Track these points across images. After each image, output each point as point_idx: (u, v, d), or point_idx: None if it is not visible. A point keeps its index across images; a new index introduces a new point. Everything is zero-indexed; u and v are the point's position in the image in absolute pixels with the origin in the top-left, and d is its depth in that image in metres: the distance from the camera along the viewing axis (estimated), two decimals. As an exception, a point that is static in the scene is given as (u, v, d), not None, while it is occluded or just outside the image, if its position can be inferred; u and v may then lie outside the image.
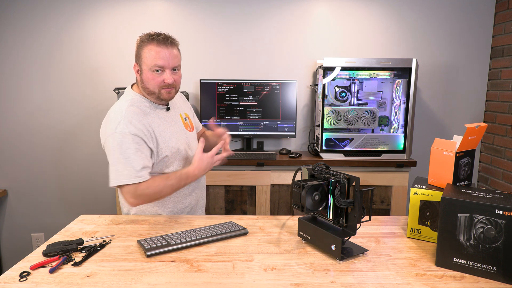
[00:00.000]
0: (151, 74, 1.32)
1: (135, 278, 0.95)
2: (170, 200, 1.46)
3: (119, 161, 1.27)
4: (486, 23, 2.57)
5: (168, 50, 1.31)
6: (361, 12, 2.57)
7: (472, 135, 1.17)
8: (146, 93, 1.38)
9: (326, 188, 1.10)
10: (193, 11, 2.55)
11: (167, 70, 1.33)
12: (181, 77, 1.43)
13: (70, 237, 1.20)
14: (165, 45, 1.31)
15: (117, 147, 1.27)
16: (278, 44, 2.60)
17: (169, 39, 1.33)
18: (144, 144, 1.31)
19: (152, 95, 1.36)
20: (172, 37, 1.35)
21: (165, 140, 1.38)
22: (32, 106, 2.59)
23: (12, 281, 0.94)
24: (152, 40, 1.30)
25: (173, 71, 1.36)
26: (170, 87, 1.35)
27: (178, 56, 1.38)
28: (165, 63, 1.31)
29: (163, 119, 1.41)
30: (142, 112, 1.35)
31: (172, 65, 1.34)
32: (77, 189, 2.68)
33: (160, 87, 1.34)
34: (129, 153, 1.27)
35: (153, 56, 1.30)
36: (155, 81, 1.32)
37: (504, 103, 2.46)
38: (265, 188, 2.33)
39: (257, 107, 2.50)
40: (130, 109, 1.33)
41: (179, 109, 1.54)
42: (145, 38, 1.32)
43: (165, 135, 1.38)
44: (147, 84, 1.34)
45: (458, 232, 0.99)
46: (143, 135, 1.31)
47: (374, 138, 2.37)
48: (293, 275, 0.97)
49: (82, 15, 2.52)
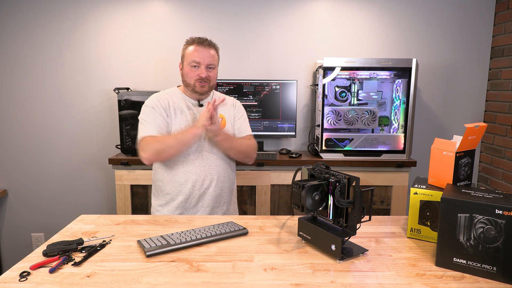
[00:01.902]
0: (189, 69, 1.56)
1: (135, 278, 0.95)
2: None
3: (141, 123, 1.55)
4: (486, 23, 2.57)
5: (205, 50, 1.56)
6: (361, 12, 2.57)
7: (472, 135, 1.17)
8: (185, 85, 1.62)
9: (326, 188, 1.10)
10: (193, 11, 2.55)
11: (202, 66, 1.55)
12: (216, 74, 1.63)
13: (70, 237, 1.20)
14: (203, 45, 1.56)
15: (140, 117, 1.57)
16: (278, 44, 2.60)
17: (207, 41, 1.58)
18: (158, 115, 1.54)
19: (189, 87, 1.59)
20: (211, 41, 1.60)
21: (177, 123, 1.56)
22: (32, 106, 2.59)
23: (12, 281, 0.94)
24: (193, 42, 1.57)
25: (208, 68, 1.57)
26: (204, 81, 1.56)
27: (215, 56, 1.60)
28: (201, 59, 1.55)
29: (188, 110, 1.60)
30: (170, 98, 1.60)
31: (207, 62, 1.56)
32: (77, 189, 2.68)
33: (195, 80, 1.56)
34: (146, 119, 1.54)
35: (192, 54, 1.55)
36: (191, 74, 1.56)
37: (504, 103, 2.46)
38: (265, 188, 2.33)
39: (257, 107, 2.50)
40: (159, 93, 1.63)
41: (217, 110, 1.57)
42: (189, 41, 1.59)
43: (179, 120, 1.57)
44: (186, 77, 1.58)
45: (458, 232, 0.99)
46: (158, 109, 1.55)
47: (374, 138, 2.37)
48: (293, 275, 0.97)
49: (84, 17, 2.51)
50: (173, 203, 1.58)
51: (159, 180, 1.62)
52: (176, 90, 1.66)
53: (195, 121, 1.58)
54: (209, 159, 1.59)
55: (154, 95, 1.62)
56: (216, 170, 1.60)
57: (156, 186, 1.65)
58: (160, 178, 1.61)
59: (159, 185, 1.63)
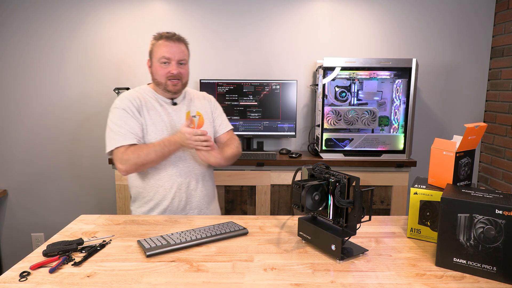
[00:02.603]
0: (159, 66, 1.48)
1: (135, 278, 0.95)
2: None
3: (110, 129, 1.44)
4: (486, 23, 2.57)
5: (175, 45, 1.48)
6: (361, 12, 2.57)
7: (472, 135, 1.17)
8: (156, 84, 1.53)
9: (326, 188, 1.10)
10: (193, 11, 2.55)
11: (173, 62, 1.47)
12: (188, 71, 1.55)
13: (70, 237, 1.20)
14: (172, 40, 1.48)
15: (109, 121, 1.46)
16: (278, 44, 2.60)
17: (176, 35, 1.50)
18: (131, 118, 1.45)
19: (160, 86, 1.51)
20: (180, 35, 1.53)
21: (152, 124, 1.48)
22: (32, 106, 2.59)
23: (12, 281, 0.94)
24: (161, 37, 1.48)
25: (179, 64, 1.49)
26: (176, 78, 1.48)
27: (185, 51, 1.52)
28: (171, 55, 1.46)
29: (162, 109, 1.52)
30: (141, 97, 1.51)
31: (178, 58, 1.48)
32: (77, 189, 2.68)
33: (167, 77, 1.48)
34: (118, 123, 1.43)
35: (161, 50, 1.46)
36: (162, 72, 1.47)
37: (504, 103, 2.46)
38: (265, 188, 2.33)
39: (257, 107, 2.50)
40: (129, 92, 1.52)
41: (190, 107, 1.59)
42: (157, 36, 1.50)
43: (155, 121, 1.49)
44: (156, 75, 1.50)
45: (458, 232, 0.99)
46: (130, 111, 1.45)
47: (374, 138, 2.37)
48: (293, 275, 0.97)
49: (84, 17, 2.51)
50: (158, 209, 1.51)
51: (138, 186, 1.53)
52: (147, 88, 1.56)
53: (170, 120, 1.51)
54: (192, 159, 1.54)
55: (124, 95, 1.50)
56: (200, 170, 1.56)
57: (136, 193, 1.56)
58: (141, 185, 1.53)
59: (139, 192, 1.54)
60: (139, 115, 1.47)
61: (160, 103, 1.53)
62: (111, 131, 1.43)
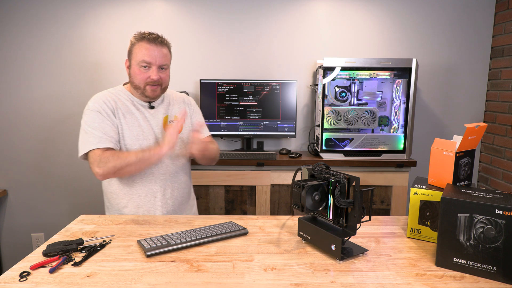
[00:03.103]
0: (138, 69, 1.39)
1: (135, 278, 0.95)
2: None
3: (84, 132, 1.36)
4: (486, 23, 2.57)
5: (157, 48, 1.38)
6: (361, 12, 2.57)
7: (472, 135, 1.17)
8: (133, 87, 1.44)
9: (326, 188, 1.10)
10: (193, 11, 2.55)
11: (153, 67, 1.39)
12: (169, 76, 1.47)
13: (70, 237, 1.20)
14: (155, 44, 1.38)
15: (83, 123, 1.39)
16: (278, 44, 2.60)
17: (159, 38, 1.40)
18: (106, 121, 1.37)
19: (138, 90, 1.43)
20: (163, 37, 1.42)
21: (128, 129, 1.42)
22: (32, 106, 2.59)
23: (12, 281, 0.94)
24: (143, 38, 1.38)
25: (160, 69, 1.41)
26: (156, 84, 1.41)
27: (167, 55, 1.44)
28: (152, 60, 1.38)
29: (138, 113, 1.45)
30: (116, 98, 1.43)
31: (160, 63, 1.40)
32: (77, 189, 2.68)
33: (146, 83, 1.40)
34: (92, 126, 1.36)
35: (142, 53, 1.37)
36: (141, 76, 1.39)
37: (504, 103, 2.46)
38: (265, 188, 2.33)
39: (257, 107, 2.50)
40: (103, 93, 1.44)
41: (169, 111, 1.52)
42: (138, 36, 1.40)
43: (131, 125, 1.42)
44: (134, 78, 1.41)
45: (458, 232, 0.99)
46: (104, 113, 1.38)
47: (374, 138, 2.37)
48: (293, 275, 0.97)
49: (83, 17, 2.52)
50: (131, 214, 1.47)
51: (113, 192, 1.48)
52: (122, 89, 1.47)
53: (147, 125, 1.45)
54: (169, 166, 1.49)
55: (98, 96, 1.42)
56: (176, 178, 1.51)
57: (110, 199, 1.50)
58: (115, 191, 1.47)
59: (113, 198, 1.49)
60: (114, 117, 1.39)
61: (136, 106, 1.45)
62: (85, 134, 1.36)
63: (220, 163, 2.28)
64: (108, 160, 1.31)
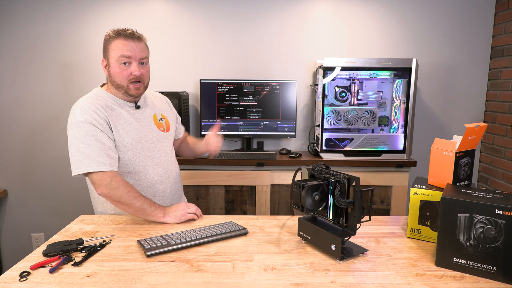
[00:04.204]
0: (118, 67, 1.33)
1: (135, 278, 0.95)
2: None
3: (78, 149, 1.28)
4: (486, 23, 2.57)
5: (135, 43, 1.34)
6: (361, 12, 2.57)
7: (472, 135, 1.17)
8: (115, 88, 1.38)
9: (326, 188, 1.10)
10: (193, 11, 2.55)
11: (134, 62, 1.34)
12: (149, 72, 1.43)
13: (70, 237, 1.20)
14: (131, 39, 1.33)
15: (73, 138, 1.29)
16: (278, 44, 2.60)
17: (135, 33, 1.35)
18: (102, 133, 1.30)
19: (120, 89, 1.37)
20: (139, 32, 1.37)
21: (126, 134, 1.37)
22: (32, 106, 2.59)
23: (12, 281, 0.94)
24: (119, 35, 1.33)
25: (140, 65, 1.37)
26: (138, 81, 1.36)
27: (146, 49, 1.39)
28: (132, 54, 1.33)
29: (128, 115, 1.40)
30: (104, 104, 1.35)
31: (140, 57, 1.35)
32: (77, 189, 2.68)
33: (128, 80, 1.35)
34: (87, 142, 1.27)
35: (119, 48, 1.32)
36: (122, 74, 1.33)
37: (504, 103, 2.46)
38: (265, 188, 2.33)
39: (257, 107, 2.50)
40: (88, 101, 1.34)
41: (155, 109, 1.53)
42: (113, 33, 1.34)
43: (127, 130, 1.38)
44: (115, 77, 1.35)
45: (458, 232, 0.99)
46: (98, 124, 1.29)
47: (374, 138, 2.37)
48: (293, 275, 0.97)
49: (83, 16, 2.51)
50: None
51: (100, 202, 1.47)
52: (104, 92, 1.40)
53: (141, 126, 1.42)
54: (169, 163, 1.52)
55: (84, 106, 1.31)
56: (176, 168, 1.57)
57: (97, 203, 1.49)
58: (101, 201, 1.46)
59: (102, 203, 1.47)
60: (108, 127, 1.32)
61: (125, 108, 1.40)
62: (80, 152, 1.27)
63: (220, 163, 2.29)
64: (118, 188, 1.28)
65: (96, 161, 1.27)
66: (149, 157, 1.44)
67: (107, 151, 1.30)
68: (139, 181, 1.42)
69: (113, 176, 1.29)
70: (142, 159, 1.42)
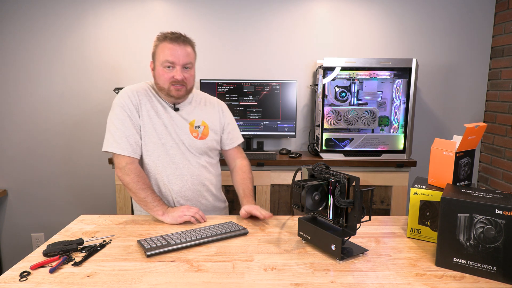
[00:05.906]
0: (162, 70, 1.39)
1: (135, 278, 0.95)
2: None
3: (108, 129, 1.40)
4: (486, 23, 2.57)
5: (180, 48, 1.38)
6: (361, 12, 2.57)
7: (471, 135, 1.17)
8: (158, 89, 1.45)
9: (326, 188, 1.10)
10: (193, 11, 2.55)
11: (177, 66, 1.38)
12: (193, 76, 1.46)
13: (70, 237, 1.20)
14: (177, 43, 1.38)
15: (109, 116, 1.42)
16: (278, 44, 2.60)
17: (181, 37, 1.40)
18: (128, 119, 1.39)
19: (162, 91, 1.42)
20: (186, 36, 1.42)
21: (152, 126, 1.42)
22: (32, 106, 2.59)
23: (12, 281, 0.94)
24: (165, 38, 1.38)
25: (184, 69, 1.41)
26: (180, 84, 1.40)
27: (191, 54, 1.43)
28: (176, 59, 1.37)
29: (163, 111, 1.45)
30: (143, 92, 1.45)
31: (183, 62, 1.39)
32: (77, 189, 2.68)
33: (170, 83, 1.39)
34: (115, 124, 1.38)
35: (165, 53, 1.37)
36: (165, 77, 1.39)
37: (504, 103, 2.46)
38: (265, 188, 2.33)
39: (257, 107, 2.50)
40: (130, 87, 1.45)
41: (195, 116, 1.52)
42: (160, 37, 1.40)
43: (155, 123, 1.43)
44: (158, 79, 1.41)
45: (458, 232, 0.99)
46: (128, 110, 1.39)
47: (374, 138, 2.37)
48: (293, 275, 0.97)
49: (84, 16, 2.51)
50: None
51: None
52: (149, 87, 1.48)
53: (172, 125, 1.45)
54: (190, 169, 1.50)
55: (125, 91, 1.43)
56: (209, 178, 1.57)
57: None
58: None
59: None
60: (137, 114, 1.41)
61: (162, 104, 1.46)
62: (109, 132, 1.40)
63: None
64: (129, 175, 1.36)
65: (118, 143, 1.37)
66: (169, 155, 1.45)
67: (128, 137, 1.38)
68: (147, 173, 1.47)
69: (129, 162, 1.37)
70: (161, 155, 1.44)
